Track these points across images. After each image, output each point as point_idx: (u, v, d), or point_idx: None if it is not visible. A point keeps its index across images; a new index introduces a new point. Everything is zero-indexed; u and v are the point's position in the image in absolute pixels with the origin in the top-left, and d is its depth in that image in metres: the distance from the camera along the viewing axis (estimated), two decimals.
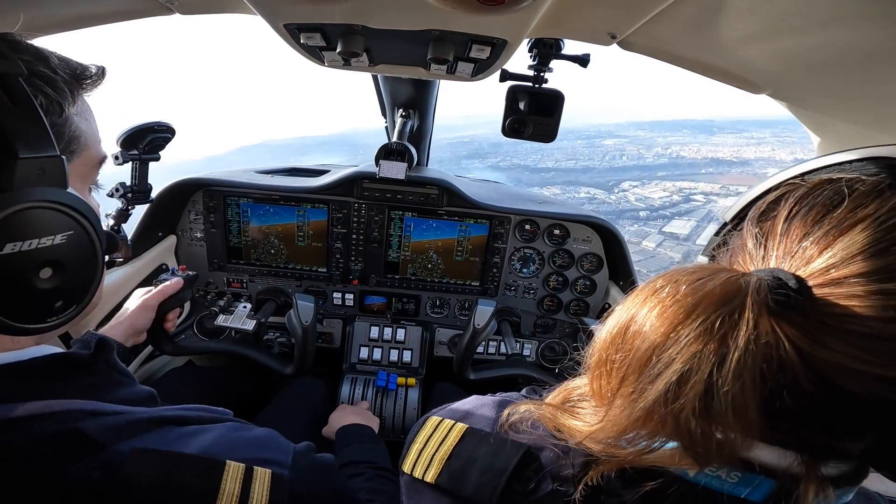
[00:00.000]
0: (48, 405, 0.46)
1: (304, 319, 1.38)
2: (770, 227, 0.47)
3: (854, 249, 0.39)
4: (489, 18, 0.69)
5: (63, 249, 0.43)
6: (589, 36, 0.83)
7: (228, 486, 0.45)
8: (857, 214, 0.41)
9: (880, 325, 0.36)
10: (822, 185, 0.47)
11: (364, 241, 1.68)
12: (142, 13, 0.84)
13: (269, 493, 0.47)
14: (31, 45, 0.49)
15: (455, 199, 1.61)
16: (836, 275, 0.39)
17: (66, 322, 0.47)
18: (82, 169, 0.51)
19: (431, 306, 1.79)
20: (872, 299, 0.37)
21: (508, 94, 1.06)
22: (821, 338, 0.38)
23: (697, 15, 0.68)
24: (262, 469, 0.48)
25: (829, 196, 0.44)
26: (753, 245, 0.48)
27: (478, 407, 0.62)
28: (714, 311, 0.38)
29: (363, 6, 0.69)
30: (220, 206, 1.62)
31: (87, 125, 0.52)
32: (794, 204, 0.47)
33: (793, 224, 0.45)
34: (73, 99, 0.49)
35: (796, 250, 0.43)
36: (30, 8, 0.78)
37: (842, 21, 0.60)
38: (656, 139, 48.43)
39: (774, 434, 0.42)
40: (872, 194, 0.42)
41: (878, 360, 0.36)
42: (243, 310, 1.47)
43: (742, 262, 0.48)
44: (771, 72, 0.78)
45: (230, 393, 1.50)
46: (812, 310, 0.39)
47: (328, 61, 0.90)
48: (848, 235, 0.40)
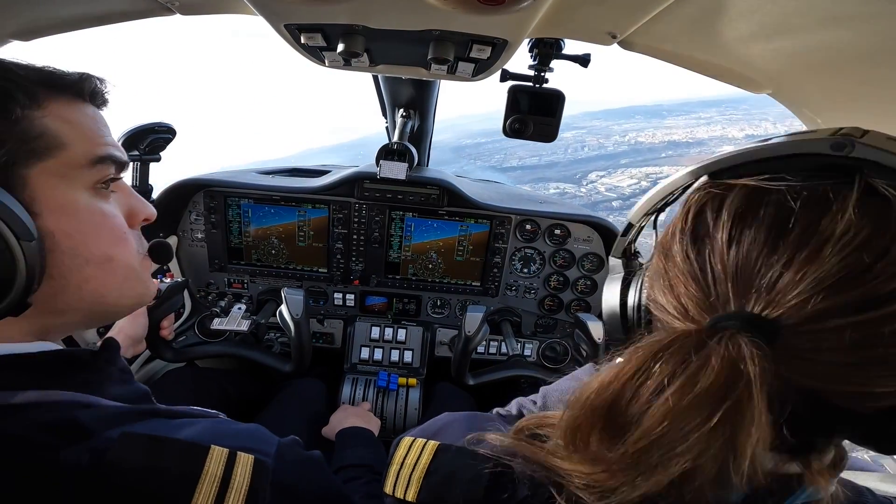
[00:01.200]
0: (46, 395, 0.48)
1: (294, 312, 1.38)
2: (711, 251, 0.42)
3: (828, 279, 0.35)
4: (489, 18, 0.69)
5: None
6: (589, 36, 0.83)
7: (211, 469, 0.47)
8: (819, 235, 0.37)
9: (865, 352, 0.35)
10: (756, 195, 0.41)
11: (365, 241, 1.68)
12: (142, 14, 0.85)
13: (250, 477, 0.48)
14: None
15: (455, 200, 1.61)
16: (813, 310, 0.36)
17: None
18: (61, 168, 0.52)
19: (432, 306, 1.80)
20: (855, 330, 0.35)
21: (509, 93, 1.06)
22: (805, 370, 0.37)
23: (698, 14, 0.68)
24: (246, 454, 0.50)
25: (774, 211, 0.40)
26: (698, 275, 0.42)
27: (448, 424, 0.63)
28: (716, 408, 0.35)
29: (363, 6, 0.69)
30: (220, 206, 1.62)
31: (66, 127, 0.53)
32: (732, 222, 0.41)
33: (741, 248, 0.40)
34: (36, 103, 0.51)
35: (760, 284, 0.38)
36: (30, 9, 0.78)
37: (842, 20, 0.60)
38: (612, 127, 48.18)
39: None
40: (824, 206, 0.38)
41: (864, 381, 0.36)
42: (238, 311, 1.49)
43: (688, 296, 0.43)
44: (771, 71, 0.78)
45: (230, 394, 1.50)
46: (793, 349, 0.37)
47: (329, 61, 0.90)
48: (816, 263, 0.36)
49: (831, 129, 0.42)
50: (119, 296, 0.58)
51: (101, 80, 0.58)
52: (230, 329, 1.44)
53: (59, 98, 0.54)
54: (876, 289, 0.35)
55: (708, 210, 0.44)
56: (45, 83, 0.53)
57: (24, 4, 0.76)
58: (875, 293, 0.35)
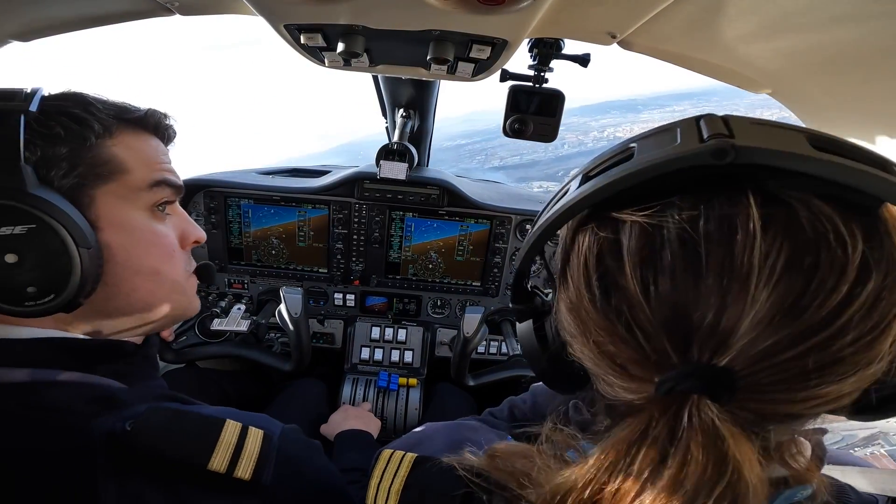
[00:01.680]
0: (85, 377, 0.55)
1: (293, 311, 1.38)
2: (629, 306, 0.37)
3: (766, 315, 0.33)
4: (489, 18, 0.69)
5: (24, 239, 0.51)
6: (589, 36, 0.83)
7: (226, 438, 0.53)
8: (739, 269, 0.33)
9: (822, 372, 0.33)
10: (651, 232, 0.36)
11: (365, 241, 1.68)
12: (142, 14, 0.85)
13: (260, 446, 0.54)
14: (78, 93, 0.61)
15: (456, 200, 1.61)
16: (762, 348, 0.33)
17: (47, 310, 0.53)
18: (123, 190, 0.60)
19: (432, 307, 1.80)
20: (809, 355, 0.33)
21: (509, 93, 1.06)
22: (767, 401, 0.35)
23: (698, 14, 0.68)
24: (256, 429, 0.56)
25: (680, 250, 0.35)
26: (625, 335, 0.38)
27: (428, 436, 0.62)
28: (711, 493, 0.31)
29: (363, 6, 0.69)
30: (220, 206, 1.62)
31: (130, 154, 0.61)
32: (638, 269, 0.37)
33: (661, 297, 0.36)
34: (109, 132, 0.60)
35: (697, 332, 0.35)
36: (30, 9, 0.79)
37: (842, 20, 0.60)
38: (590, 123, 48.02)
39: None
40: (730, 231, 0.34)
41: (819, 402, 0.34)
42: (237, 311, 1.49)
43: (624, 359, 0.39)
44: (771, 70, 0.78)
45: (230, 394, 1.51)
46: (752, 388, 0.34)
47: (329, 62, 0.90)
48: (748, 301, 0.33)
49: (693, 125, 0.37)
50: (164, 306, 0.66)
51: (165, 115, 0.68)
52: (230, 329, 1.44)
53: (128, 129, 0.62)
54: (819, 309, 0.32)
55: (607, 258, 0.39)
56: (118, 116, 0.62)
57: (24, 4, 0.76)
58: (819, 314, 0.32)
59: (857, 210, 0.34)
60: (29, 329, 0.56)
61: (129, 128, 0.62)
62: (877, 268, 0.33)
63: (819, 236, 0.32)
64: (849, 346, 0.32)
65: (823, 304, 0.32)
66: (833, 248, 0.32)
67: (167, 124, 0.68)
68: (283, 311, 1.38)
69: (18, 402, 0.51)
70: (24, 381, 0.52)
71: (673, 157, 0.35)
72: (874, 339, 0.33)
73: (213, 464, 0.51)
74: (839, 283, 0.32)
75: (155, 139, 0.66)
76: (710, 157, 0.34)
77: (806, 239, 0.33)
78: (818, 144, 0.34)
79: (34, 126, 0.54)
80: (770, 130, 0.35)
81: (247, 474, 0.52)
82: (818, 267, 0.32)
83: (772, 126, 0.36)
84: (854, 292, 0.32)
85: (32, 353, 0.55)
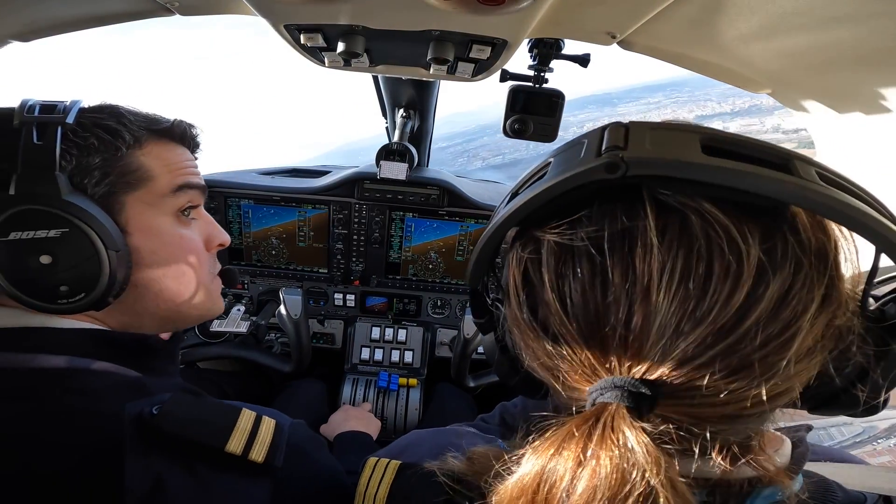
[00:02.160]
0: (116, 367, 0.59)
1: (293, 313, 1.38)
2: (554, 320, 0.38)
3: (670, 323, 0.33)
4: (489, 18, 0.69)
5: (58, 242, 0.55)
6: (589, 36, 0.83)
7: (242, 424, 0.57)
8: (640, 280, 0.34)
9: (737, 376, 0.33)
10: (563, 248, 0.37)
11: (365, 241, 1.68)
12: (142, 14, 0.85)
13: (272, 434, 0.58)
14: (111, 105, 0.65)
15: (456, 200, 1.61)
16: (675, 356, 0.34)
17: (79, 308, 0.57)
18: (149, 197, 0.64)
19: (433, 307, 1.79)
20: (721, 359, 0.33)
21: (509, 94, 1.06)
22: (689, 406, 0.35)
23: (698, 14, 0.68)
24: (269, 418, 0.59)
25: (588, 265, 0.36)
26: (552, 350, 0.39)
27: (413, 443, 0.63)
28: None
29: (363, 6, 0.69)
30: (221, 206, 1.62)
31: (156, 162, 0.65)
32: (555, 283, 0.38)
33: (577, 310, 0.37)
34: (138, 143, 0.64)
35: (612, 344, 0.36)
36: (30, 9, 0.79)
37: (842, 20, 0.60)
38: (568, 119, 48.76)
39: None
40: (631, 243, 0.35)
41: (749, 403, 0.34)
42: (237, 312, 1.49)
43: (559, 370, 0.40)
44: (771, 71, 0.78)
45: (229, 395, 1.51)
46: (672, 395, 0.35)
47: (329, 62, 0.90)
48: (652, 311, 0.34)
49: (598, 137, 0.37)
50: (189, 306, 0.70)
51: (191, 126, 0.71)
52: (229, 330, 1.45)
53: (156, 139, 0.66)
54: (721, 315, 0.32)
55: (531, 274, 0.40)
56: (147, 127, 0.65)
57: (24, 4, 0.76)
58: (721, 320, 0.33)
59: (755, 212, 0.34)
60: (68, 321, 0.61)
61: (157, 138, 0.66)
62: (779, 269, 0.33)
63: (711, 243, 0.33)
64: (760, 348, 0.33)
65: (724, 309, 0.32)
66: (726, 254, 0.32)
67: (193, 133, 0.72)
68: (283, 313, 1.38)
69: (59, 386, 0.55)
70: (63, 366, 0.56)
71: (571, 174, 0.35)
72: (788, 339, 0.33)
73: (230, 446, 0.54)
74: (736, 289, 0.32)
75: (181, 147, 0.70)
76: (604, 172, 0.34)
77: (699, 246, 0.33)
78: (712, 147, 0.34)
79: (70, 137, 0.58)
80: (665, 136, 0.35)
81: (260, 457, 0.55)
82: (712, 274, 0.33)
83: (668, 130, 0.36)
84: (754, 296, 0.32)
85: (71, 343, 0.59)
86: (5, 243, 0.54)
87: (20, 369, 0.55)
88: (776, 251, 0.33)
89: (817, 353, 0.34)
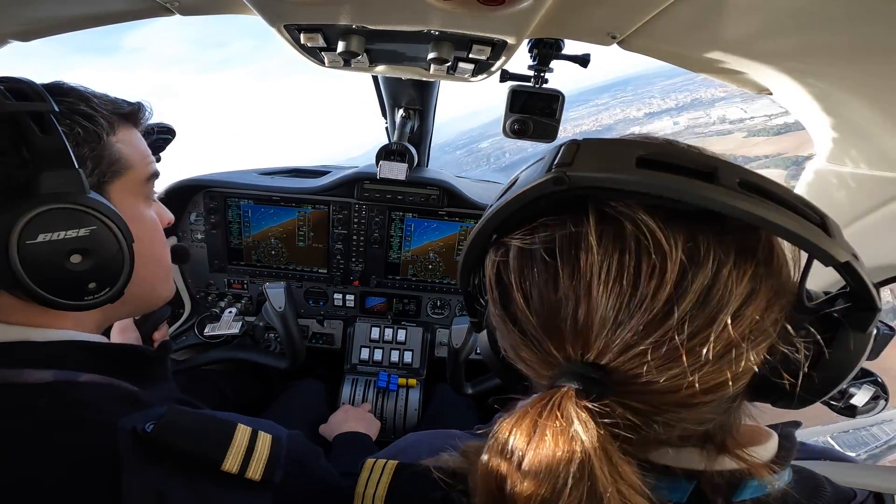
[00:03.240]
0: (106, 378, 0.58)
1: (276, 306, 1.37)
2: (521, 314, 0.43)
3: (610, 315, 0.38)
4: (489, 18, 0.69)
5: (88, 240, 0.54)
6: (589, 36, 0.83)
7: (238, 440, 0.55)
8: (583, 276, 0.39)
9: (674, 363, 0.37)
10: (524, 252, 0.43)
11: (365, 241, 1.68)
12: (142, 14, 0.85)
13: (269, 448, 0.57)
14: (74, 88, 0.61)
15: (455, 200, 1.61)
16: (619, 343, 0.38)
17: (102, 302, 0.57)
18: (130, 185, 0.64)
19: (432, 307, 1.79)
20: (657, 348, 0.37)
21: (509, 94, 1.06)
22: (637, 393, 0.39)
23: (698, 15, 0.68)
24: (265, 433, 0.58)
25: (543, 266, 0.41)
26: (519, 340, 0.44)
27: (412, 444, 0.65)
28: (567, 475, 0.36)
29: (363, 6, 0.69)
30: (220, 207, 1.62)
31: (131, 150, 0.65)
32: (518, 282, 0.43)
33: (535, 304, 0.42)
34: (113, 130, 0.62)
35: (567, 333, 0.40)
36: (30, 9, 0.78)
37: (842, 20, 0.60)
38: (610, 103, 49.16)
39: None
40: (576, 245, 0.40)
41: (694, 391, 0.38)
42: (229, 315, 1.50)
43: (530, 360, 0.45)
44: (772, 71, 0.78)
45: (228, 396, 1.50)
46: (620, 381, 0.39)
47: (328, 62, 0.90)
48: (593, 303, 0.38)
49: (553, 154, 0.42)
50: (161, 289, 0.71)
51: (151, 109, 0.70)
52: (223, 333, 1.46)
53: (123, 125, 0.65)
54: (651, 309, 0.37)
55: (502, 276, 0.45)
56: (115, 111, 0.64)
57: (24, 4, 0.76)
58: (651, 313, 0.37)
59: (683, 217, 0.38)
60: (50, 331, 0.59)
61: (124, 123, 0.65)
62: (700, 268, 0.37)
63: (640, 245, 0.38)
64: (688, 339, 0.37)
65: (653, 302, 0.37)
66: (652, 254, 0.37)
67: (148, 116, 0.71)
68: (269, 308, 1.38)
69: (47, 401, 0.53)
70: (49, 381, 0.54)
71: (527, 188, 0.41)
72: (713, 331, 0.37)
73: (227, 465, 0.53)
74: (662, 284, 0.37)
75: (137, 131, 0.69)
76: (552, 186, 0.39)
77: (630, 248, 0.38)
78: (646, 161, 0.38)
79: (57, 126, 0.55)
80: (607, 151, 0.40)
81: (257, 475, 0.54)
82: (641, 272, 0.37)
83: (612, 145, 0.41)
84: (679, 291, 0.37)
85: (55, 355, 0.57)
86: (34, 245, 0.52)
87: (6, 385, 0.53)
88: (699, 251, 0.37)
89: (746, 346, 0.38)
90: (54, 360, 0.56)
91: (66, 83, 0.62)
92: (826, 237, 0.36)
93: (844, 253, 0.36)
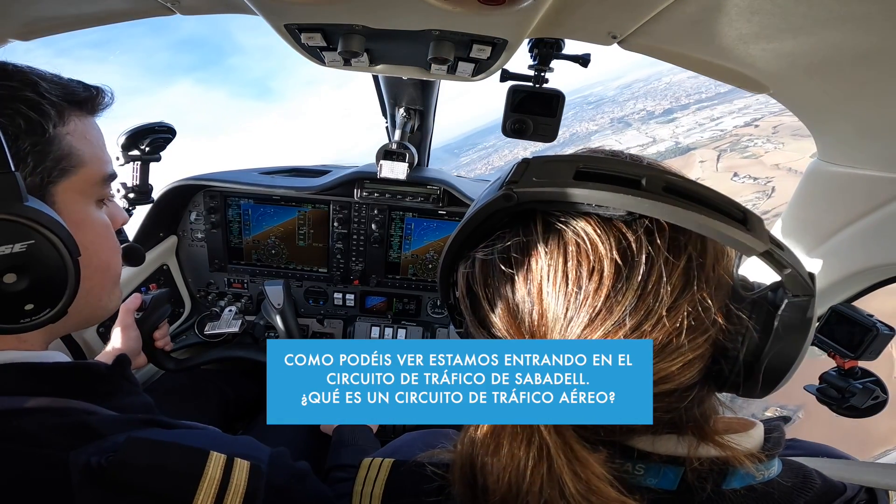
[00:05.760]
0: (56, 401, 0.51)
1: (275, 303, 1.38)
2: (486, 317, 0.48)
3: (559, 311, 0.42)
4: (490, 18, 0.69)
5: (24, 256, 0.46)
6: (589, 36, 0.83)
7: (211, 472, 0.50)
8: (533, 279, 0.43)
9: None
10: (486, 262, 0.47)
11: (365, 241, 1.68)
12: (143, 13, 0.85)
13: (247, 480, 0.51)
14: (20, 70, 0.52)
15: (455, 200, 1.61)
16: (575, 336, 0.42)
17: (42, 324, 0.49)
18: (80, 185, 0.55)
19: (432, 307, 1.80)
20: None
21: (509, 94, 1.06)
22: None
23: (698, 14, 0.68)
24: (242, 460, 0.53)
25: (501, 272, 0.45)
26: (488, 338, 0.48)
27: (407, 442, 0.67)
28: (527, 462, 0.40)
29: (363, 6, 0.69)
30: (221, 206, 1.62)
31: (84, 144, 0.56)
32: (485, 286, 0.47)
33: (500, 306, 0.46)
34: (62, 119, 0.53)
35: (527, 326, 0.44)
36: (30, 9, 0.79)
37: (842, 21, 0.60)
38: (498, 144, 49.72)
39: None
40: (528, 251, 0.44)
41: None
42: (228, 314, 1.51)
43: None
44: (772, 71, 0.78)
45: (228, 395, 1.50)
46: None
47: (328, 61, 0.90)
48: (546, 302, 0.42)
49: (506, 173, 0.45)
50: (108, 301, 0.63)
51: (112, 94, 0.61)
52: (223, 332, 1.46)
53: (77, 113, 0.56)
54: (593, 305, 0.41)
55: (471, 284, 0.49)
56: (67, 98, 0.55)
57: (24, 4, 0.76)
58: (594, 309, 0.41)
59: (616, 222, 0.42)
60: None
61: (77, 111, 0.56)
62: (634, 266, 0.41)
63: (580, 249, 0.42)
64: (632, 332, 0.40)
65: (595, 299, 0.41)
66: (590, 257, 0.41)
67: (108, 102, 0.62)
68: (268, 305, 1.39)
69: None
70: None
71: (482, 206, 0.45)
72: (650, 324, 0.40)
73: (197, 502, 0.48)
74: (601, 283, 0.41)
75: (95, 122, 0.61)
76: (503, 202, 0.43)
77: (571, 253, 0.42)
78: (584, 173, 0.42)
79: None
80: (551, 168, 0.43)
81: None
82: (582, 274, 0.41)
83: (557, 162, 0.44)
84: (617, 288, 0.41)
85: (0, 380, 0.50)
86: None
87: None
88: (632, 251, 0.41)
89: (685, 337, 0.41)
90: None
91: (11, 64, 0.53)
92: (743, 231, 0.39)
93: (762, 244, 0.39)
